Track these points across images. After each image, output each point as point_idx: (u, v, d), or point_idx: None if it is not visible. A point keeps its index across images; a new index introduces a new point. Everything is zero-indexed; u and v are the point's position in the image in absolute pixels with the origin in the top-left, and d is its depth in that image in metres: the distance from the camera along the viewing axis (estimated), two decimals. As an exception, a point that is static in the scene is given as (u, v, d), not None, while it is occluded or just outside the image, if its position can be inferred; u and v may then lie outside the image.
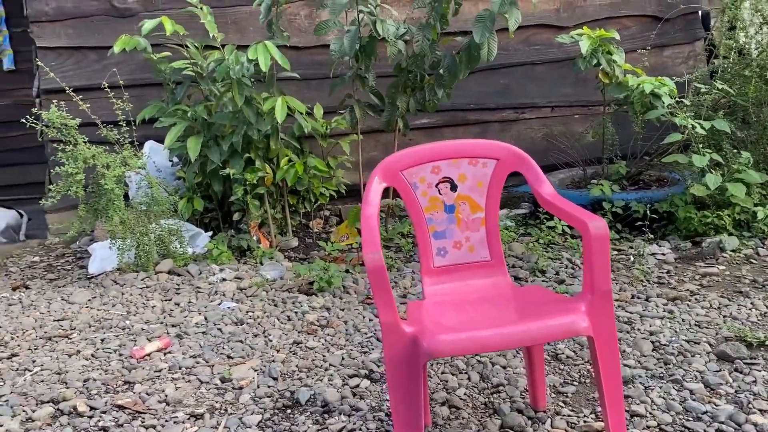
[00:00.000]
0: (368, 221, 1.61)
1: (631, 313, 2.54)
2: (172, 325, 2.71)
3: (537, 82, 4.49)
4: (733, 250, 3.10)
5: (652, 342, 2.29)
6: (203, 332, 2.62)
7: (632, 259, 3.11)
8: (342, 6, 3.16)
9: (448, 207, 1.86)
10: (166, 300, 3.01)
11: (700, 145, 3.32)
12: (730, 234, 3.23)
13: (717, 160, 3.27)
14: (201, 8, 3.31)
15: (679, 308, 2.55)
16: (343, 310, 2.79)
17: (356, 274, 3.18)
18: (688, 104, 3.46)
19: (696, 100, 3.53)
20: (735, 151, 3.42)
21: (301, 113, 3.41)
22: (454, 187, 1.85)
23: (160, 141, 3.53)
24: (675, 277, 2.90)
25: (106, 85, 3.67)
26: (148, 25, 3.33)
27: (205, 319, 2.76)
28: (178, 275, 3.30)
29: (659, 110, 3.41)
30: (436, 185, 1.84)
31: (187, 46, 3.52)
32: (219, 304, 2.91)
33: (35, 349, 2.56)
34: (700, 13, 4.68)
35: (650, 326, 2.42)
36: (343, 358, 2.34)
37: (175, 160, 3.89)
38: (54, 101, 3.36)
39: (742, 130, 3.61)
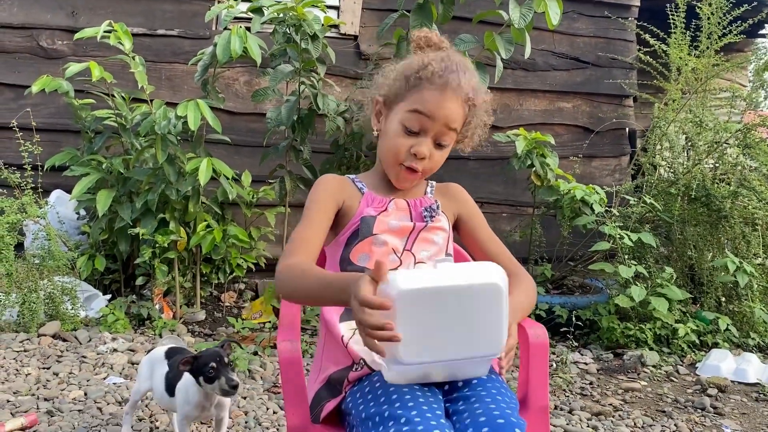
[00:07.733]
0: (290, 304, 1.42)
1: (555, 426, 2.40)
2: (45, 399, 2.35)
3: (469, 177, 4.49)
4: (653, 366, 3.06)
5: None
6: (79, 410, 2.28)
7: (554, 366, 3.00)
8: (284, 75, 3.05)
9: None
10: (44, 368, 2.64)
11: (626, 256, 3.33)
12: (651, 349, 3.20)
13: (641, 273, 3.28)
14: (133, 57, 3.13)
15: (603, 424, 2.42)
16: (245, 398, 2.50)
17: (265, 357, 2.92)
18: (617, 214, 3.50)
19: (624, 212, 3.58)
20: (658, 265, 3.44)
21: (227, 178, 3.22)
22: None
23: (71, 191, 3.25)
24: (598, 389, 2.80)
25: (15, 123, 3.40)
26: (74, 68, 3.10)
27: (85, 394, 2.42)
28: (64, 341, 2.94)
29: (588, 217, 3.43)
30: None
31: (113, 95, 3.31)
32: (104, 378, 2.57)
33: None
34: (627, 130, 4.89)
35: (573, 442, 2.28)
36: (238, 455, 2.06)
37: (82, 212, 3.59)
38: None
39: (665, 246, 3.67)
